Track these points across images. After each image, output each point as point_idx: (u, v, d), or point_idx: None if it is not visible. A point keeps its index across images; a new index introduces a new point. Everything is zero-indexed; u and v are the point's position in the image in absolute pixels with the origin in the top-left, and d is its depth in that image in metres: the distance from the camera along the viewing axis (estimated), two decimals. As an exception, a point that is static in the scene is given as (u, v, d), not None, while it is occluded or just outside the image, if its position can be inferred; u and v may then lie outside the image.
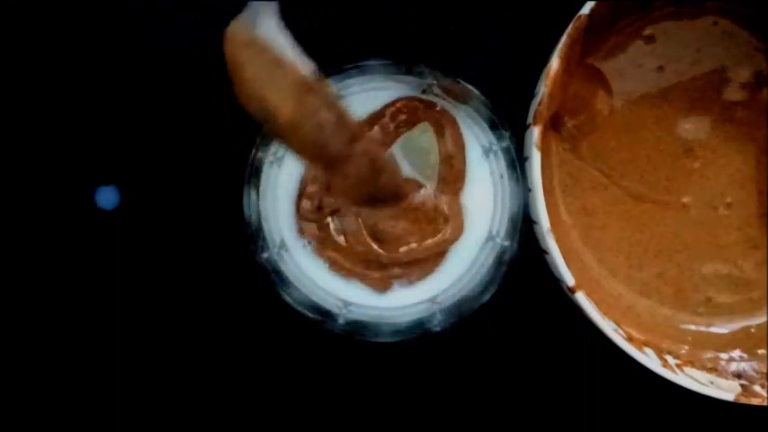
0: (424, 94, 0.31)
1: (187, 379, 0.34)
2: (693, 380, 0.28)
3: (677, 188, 0.33)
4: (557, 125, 0.33)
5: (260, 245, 0.30)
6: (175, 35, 0.33)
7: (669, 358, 0.30)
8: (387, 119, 0.31)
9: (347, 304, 0.31)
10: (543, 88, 0.28)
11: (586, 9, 0.28)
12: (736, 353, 0.32)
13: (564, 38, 0.28)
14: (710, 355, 0.32)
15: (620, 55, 0.32)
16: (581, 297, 0.28)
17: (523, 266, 0.30)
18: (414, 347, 0.32)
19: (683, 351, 0.32)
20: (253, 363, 0.34)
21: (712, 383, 0.29)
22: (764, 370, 0.30)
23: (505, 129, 0.30)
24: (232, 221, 0.31)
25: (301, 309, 0.30)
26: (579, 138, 0.33)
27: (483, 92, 0.30)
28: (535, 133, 0.28)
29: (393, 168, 0.28)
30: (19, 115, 0.34)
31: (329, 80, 0.24)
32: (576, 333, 0.33)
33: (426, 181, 0.31)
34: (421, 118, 0.31)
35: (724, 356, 0.32)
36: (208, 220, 0.34)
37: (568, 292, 0.28)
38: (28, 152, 0.34)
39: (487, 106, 0.30)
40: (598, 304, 0.29)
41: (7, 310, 0.34)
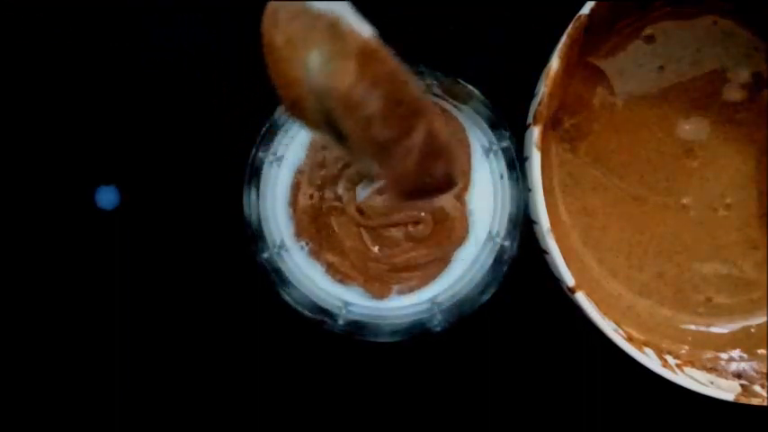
0: (424, 94, 0.31)
1: (187, 379, 0.34)
2: (693, 380, 0.28)
3: (677, 189, 0.33)
4: (556, 125, 0.33)
5: (260, 245, 0.30)
6: (175, 35, 0.33)
7: (669, 358, 0.30)
8: None
9: (347, 304, 0.31)
10: (543, 88, 0.28)
11: (586, 9, 0.28)
12: (736, 353, 0.32)
13: (564, 38, 0.28)
14: (710, 355, 0.32)
15: (620, 55, 0.32)
16: (581, 297, 0.28)
17: (523, 266, 0.30)
18: (414, 347, 0.32)
19: (683, 351, 0.32)
20: (253, 363, 0.34)
21: (712, 383, 0.29)
22: (764, 370, 0.30)
23: (505, 129, 0.30)
24: (232, 221, 0.31)
25: (301, 309, 0.30)
26: (579, 138, 0.33)
27: (483, 92, 0.30)
28: (535, 133, 0.28)
29: (452, 150, 0.22)
30: (19, 115, 0.34)
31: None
32: (576, 333, 0.33)
33: None
34: None
35: (724, 356, 0.32)
36: (208, 220, 0.34)
37: (568, 292, 0.28)
38: (28, 152, 0.34)
39: (487, 106, 0.30)
40: (598, 304, 0.29)
41: (7, 310, 0.34)
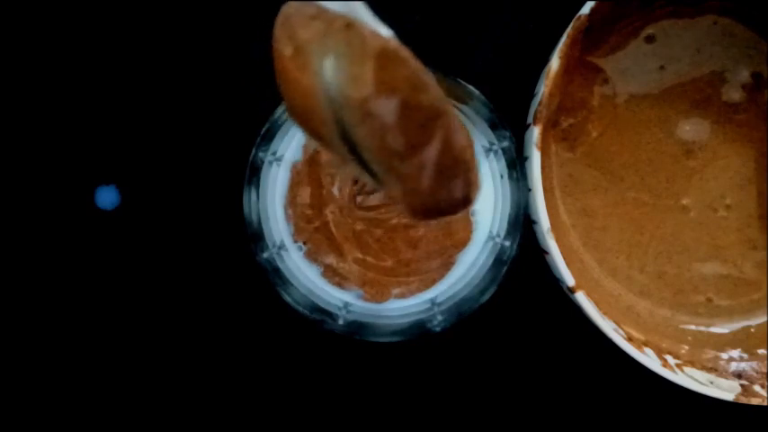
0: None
1: (187, 379, 0.34)
2: (693, 380, 0.28)
3: (677, 189, 0.33)
4: (556, 125, 0.33)
5: (260, 245, 0.30)
6: (175, 35, 0.33)
7: (669, 358, 0.30)
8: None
9: (347, 305, 0.31)
10: (543, 88, 0.28)
11: (586, 9, 0.28)
12: (736, 353, 0.32)
13: (564, 38, 0.28)
14: (710, 355, 0.32)
15: (620, 55, 0.32)
16: (581, 297, 0.28)
17: (523, 266, 0.30)
18: (414, 347, 0.32)
19: (683, 351, 0.32)
20: (253, 362, 0.34)
21: (712, 383, 0.29)
22: (764, 370, 0.30)
23: (506, 129, 0.30)
24: (232, 221, 0.31)
25: (301, 309, 0.30)
26: (579, 138, 0.33)
27: (483, 92, 0.30)
28: (535, 133, 0.28)
29: (472, 168, 0.20)
30: (19, 115, 0.34)
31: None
32: (576, 333, 0.33)
33: None
34: None
35: (724, 356, 0.32)
36: (208, 220, 0.34)
37: (568, 292, 0.28)
38: (28, 152, 0.34)
39: (488, 106, 0.30)
40: (598, 304, 0.29)
41: (7, 310, 0.34)
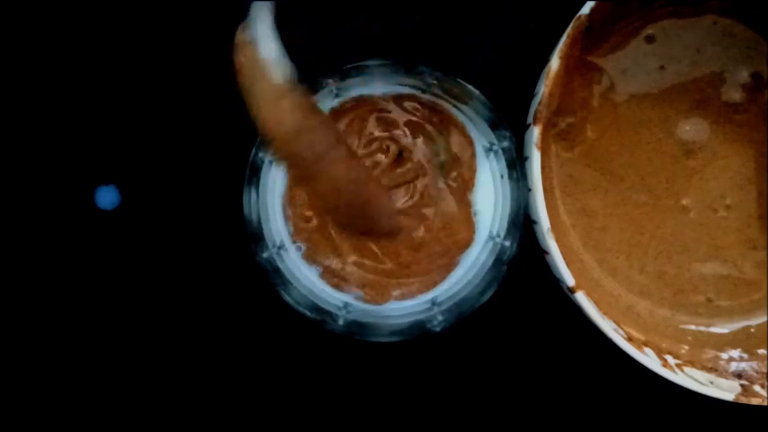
0: (425, 94, 0.31)
1: (187, 379, 0.34)
2: (693, 380, 0.28)
3: (677, 190, 0.33)
4: (556, 125, 0.33)
5: (260, 245, 0.30)
6: (176, 35, 0.33)
7: (669, 358, 0.30)
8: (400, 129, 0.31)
9: (347, 305, 0.31)
10: (543, 88, 0.28)
11: (586, 9, 0.28)
12: (736, 353, 0.32)
13: (564, 38, 0.28)
14: (710, 355, 0.32)
15: (620, 55, 0.32)
16: (581, 297, 0.28)
17: (523, 266, 0.30)
18: (414, 347, 0.32)
19: (683, 351, 0.32)
20: (253, 362, 0.34)
21: (712, 383, 0.29)
22: (764, 370, 0.30)
23: (506, 129, 0.30)
24: (232, 221, 0.31)
25: (301, 309, 0.30)
26: (579, 138, 0.33)
27: (483, 92, 0.30)
28: (535, 133, 0.28)
29: (383, 201, 0.26)
30: (19, 115, 0.34)
31: (305, 87, 0.22)
32: (576, 333, 0.33)
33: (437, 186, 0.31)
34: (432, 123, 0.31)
35: (724, 356, 0.32)
36: (208, 220, 0.34)
37: (568, 292, 0.28)
38: (28, 152, 0.34)
39: (487, 106, 0.30)
40: (598, 304, 0.29)
41: (7, 310, 0.34)
